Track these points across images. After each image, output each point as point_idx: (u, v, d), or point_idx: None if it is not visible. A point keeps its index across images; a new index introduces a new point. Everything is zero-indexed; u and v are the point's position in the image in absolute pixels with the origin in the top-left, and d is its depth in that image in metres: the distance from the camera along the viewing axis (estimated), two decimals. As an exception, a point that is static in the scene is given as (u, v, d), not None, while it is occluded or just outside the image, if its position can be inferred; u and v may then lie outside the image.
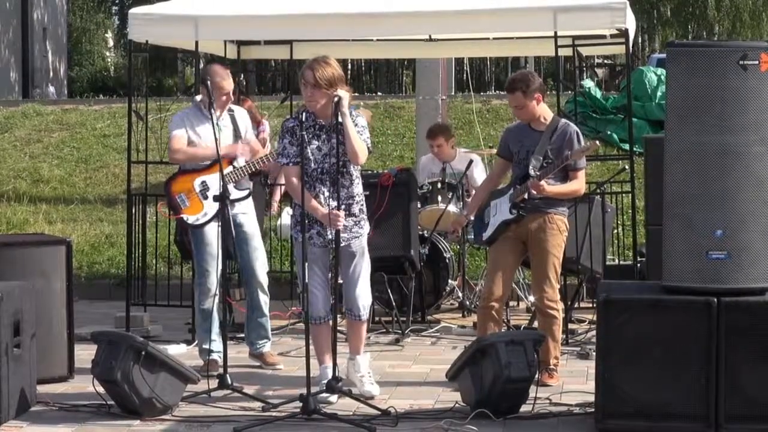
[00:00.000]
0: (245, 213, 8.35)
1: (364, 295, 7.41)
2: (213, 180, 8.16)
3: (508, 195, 7.79)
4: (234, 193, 8.22)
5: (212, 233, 8.12)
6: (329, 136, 7.14)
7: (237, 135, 8.33)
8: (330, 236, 7.12)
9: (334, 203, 7.13)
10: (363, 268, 7.40)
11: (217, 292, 8.10)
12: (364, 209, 7.43)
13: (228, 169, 8.16)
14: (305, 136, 7.16)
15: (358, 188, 7.34)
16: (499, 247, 7.84)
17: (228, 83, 8.26)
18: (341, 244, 7.20)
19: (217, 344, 8.12)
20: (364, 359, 7.41)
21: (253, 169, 8.35)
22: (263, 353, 8.44)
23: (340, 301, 7.50)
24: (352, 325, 7.46)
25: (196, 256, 8.30)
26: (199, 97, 8.39)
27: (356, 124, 7.19)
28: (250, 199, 8.42)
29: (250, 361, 8.46)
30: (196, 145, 8.25)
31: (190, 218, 8.24)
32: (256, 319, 8.43)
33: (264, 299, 8.42)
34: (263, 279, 8.40)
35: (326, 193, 7.17)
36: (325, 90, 7.11)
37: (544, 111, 7.81)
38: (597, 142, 7.80)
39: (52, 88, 33.69)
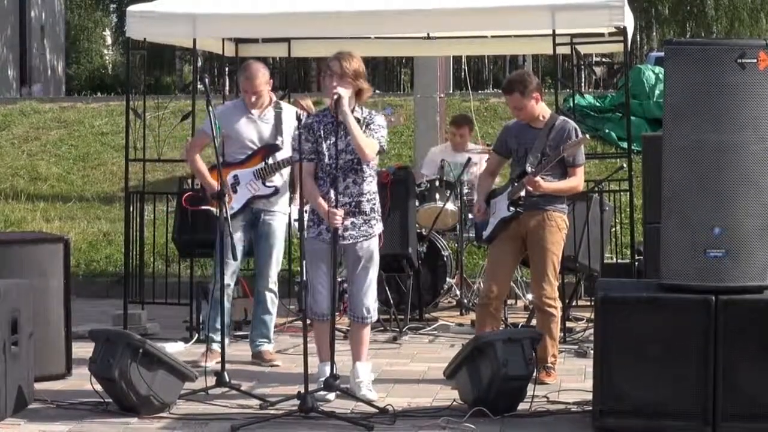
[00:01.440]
0: (271, 210, 8.41)
1: (368, 298, 7.36)
2: (244, 174, 8.31)
3: (506, 193, 7.79)
4: (261, 190, 8.33)
5: (236, 226, 8.15)
6: (346, 133, 7.14)
7: (278, 132, 8.39)
8: (340, 233, 7.11)
9: (343, 200, 7.14)
10: (370, 270, 7.35)
11: (231, 284, 8.19)
12: (377, 209, 7.39)
13: (260, 166, 8.24)
14: (321, 132, 7.21)
15: (370, 186, 7.31)
16: (498, 246, 7.84)
17: (257, 82, 8.35)
18: (348, 242, 7.22)
19: (215, 335, 8.19)
20: (364, 368, 7.36)
21: (285, 167, 8.38)
22: (261, 351, 8.45)
23: (339, 299, 7.49)
24: (354, 328, 7.45)
25: (236, 256, 8.14)
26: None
27: (372, 122, 7.23)
28: (281, 197, 8.47)
29: (249, 358, 8.47)
30: (233, 139, 8.32)
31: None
32: (259, 315, 8.48)
33: (270, 297, 8.47)
34: (272, 278, 8.43)
35: (339, 189, 7.16)
36: (350, 80, 7.14)
37: (542, 110, 7.81)
38: (587, 135, 7.80)
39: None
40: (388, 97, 20.09)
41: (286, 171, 8.49)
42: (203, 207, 8.51)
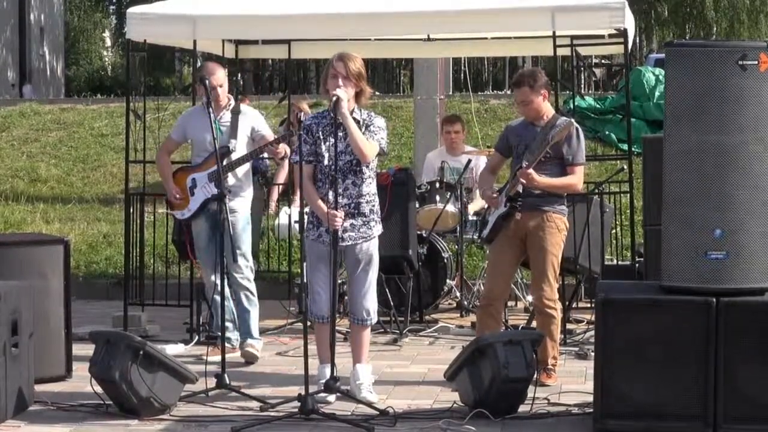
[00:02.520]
0: (230, 211, 8.40)
1: (368, 300, 7.36)
2: (200, 177, 8.54)
3: (505, 190, 7.78)
4: (213, 192, 8.42)
5: (197, 227, 8.59)
6: (345, 134, 7.14)
7: (232, 135, 8.46)
8: (339, 234, 7.12)
9: (342, 201, 7.14)
10: (370, 272, 7.34)
11: (218, 283, 8.19)
12: (377, 210, 7.39)
13: (213, 168, 8.29)
14: (320, 134, 7.21)
15: (369, 187, 7.30)
16: (498, 247, 7.83)
17: (214, 78, 8.44)
18: (347, 243, 7.22)
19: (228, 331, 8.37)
20: (364, 370, 7.35)
21: (235, 168, 8.43)
22: (244, 348, 8.45)
23: (339, 301, 7.48)
24: (354, 330, 7.44)
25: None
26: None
27: (371, 124, 7.23)
28: (236, 197, 8.50)
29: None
30: (194, 143, 8.65)
31: (177, 213, 8.65)
32: (239, 314, 8.59)
33: (244, 294, 8.55)
34: (241, 274, 8.49)
35: (338, 191, 7.15)
36: (354, 82, 7.16)
37: (547, 109, 7.82)
38: (573, 120, 7.78)
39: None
40: (387, 99, 20.09)
41: (240, 171, 8.53)
42: (162, 211, 8.70)
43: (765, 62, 6.19)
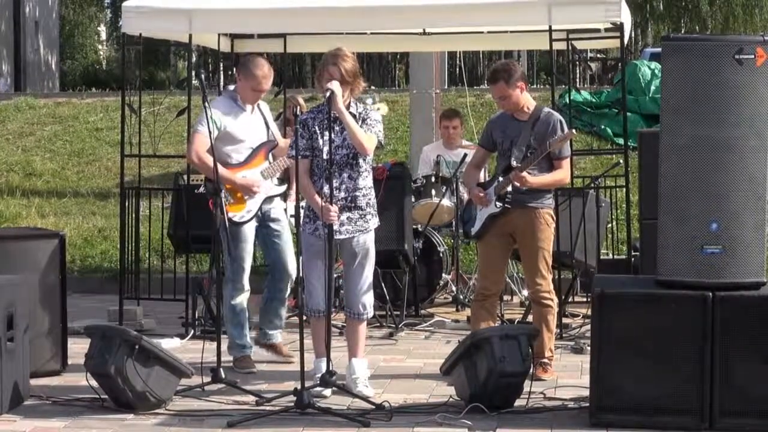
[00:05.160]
0: (275, 207, 8.31)
1: (365, 294, 7.35)
2: (252, 174, 8.10)
3: (492, 188, 7.76)
4: (274, 189, 8.23)
5: (250, 230, 8.10)
6: (342, 128, 7.14)
7: (267, 127, 8.29)
8: (336, 228, 7.11)
9: (339, 194, 7.14)
10: (366, 266, 7.34)
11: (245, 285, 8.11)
12: (373, 203, 7.38)
13: (264, 165, 8.15)
14: (317, 129, 7.20)
15: (365, 181, 7.30)
16: (488, 242, 7.82)
17: (260, 70, 8.03)
18: (344, 237, 7.22)
19: (249, 339, 8.18)
20: (360, 364, 7.34)
21: (288, 165, 8.31)
22: (275, 344, 8.36)
23: (335, 295, 7.47)
24: (349, 324, 7.44)
25: (232, 252, 7.85)
26: (232, 87, 8.34)
27: (368, 117, 7.23)
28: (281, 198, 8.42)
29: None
30: (234, 137, 8.06)
31: (236, 215, 7.97)
32: (276, 308, 8.33)
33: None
34: (293, 274, 8.27)
35: (334, 184, 7.15)
36: (351, 82, 7.16)
37: (527, 100, 7.78)
38: (573, 131, 7.77)
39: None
40: (383, 92, 20.07)
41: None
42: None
43: (761, 56, 6.20)
